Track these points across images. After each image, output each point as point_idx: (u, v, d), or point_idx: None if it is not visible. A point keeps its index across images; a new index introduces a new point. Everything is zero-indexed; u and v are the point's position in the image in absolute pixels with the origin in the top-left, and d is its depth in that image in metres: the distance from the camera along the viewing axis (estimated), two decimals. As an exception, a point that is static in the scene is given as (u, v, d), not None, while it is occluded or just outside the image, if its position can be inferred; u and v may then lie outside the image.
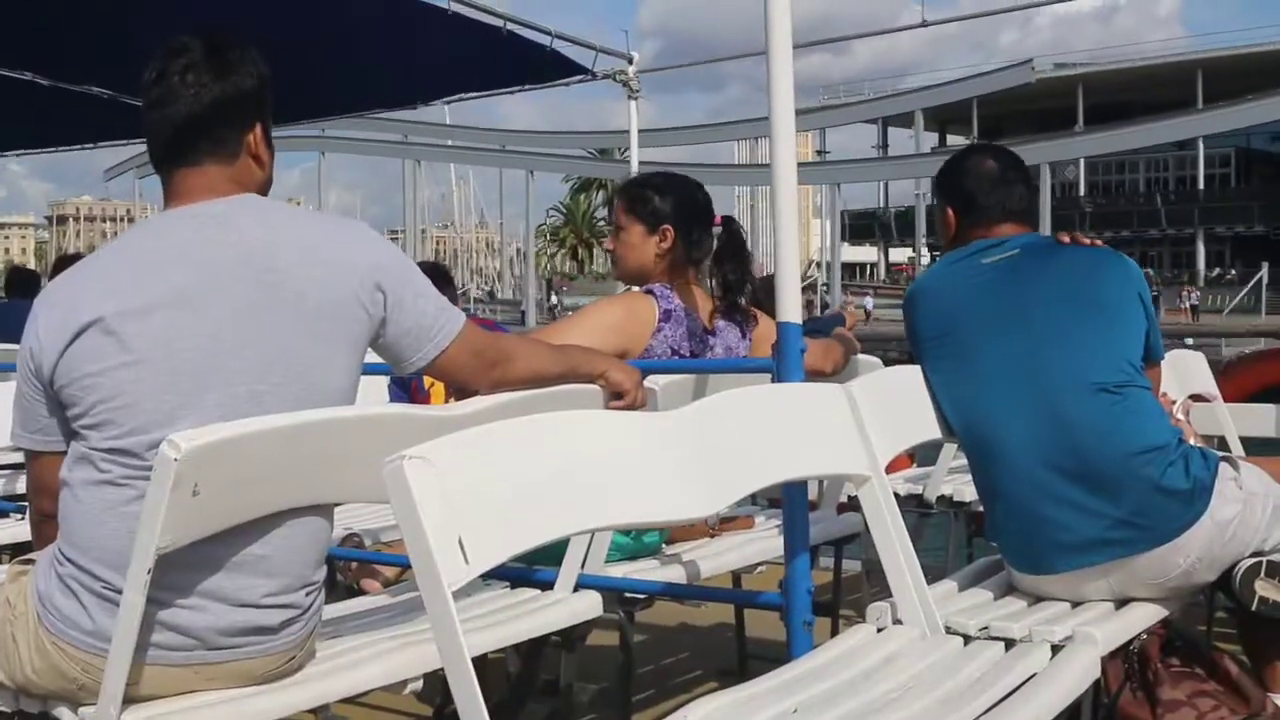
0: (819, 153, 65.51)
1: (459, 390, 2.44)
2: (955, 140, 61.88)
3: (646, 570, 3.01)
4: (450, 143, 57.48)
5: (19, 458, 2.20)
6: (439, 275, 4.57)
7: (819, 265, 58.36)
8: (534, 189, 55.55)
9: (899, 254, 66.87)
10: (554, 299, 56.08)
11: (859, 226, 67.16)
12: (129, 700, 1.90)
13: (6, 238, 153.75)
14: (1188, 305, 45.06)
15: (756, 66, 2.75)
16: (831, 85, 71.22)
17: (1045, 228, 48.02)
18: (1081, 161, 56.16)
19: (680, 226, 3.35)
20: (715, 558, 3.18)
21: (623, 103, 6.91)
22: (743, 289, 3.41)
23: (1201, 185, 60.17)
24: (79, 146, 8.72)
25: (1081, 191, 61.27)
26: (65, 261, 7.91)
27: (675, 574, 3.01)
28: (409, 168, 59.63)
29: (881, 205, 66.84)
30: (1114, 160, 60.55)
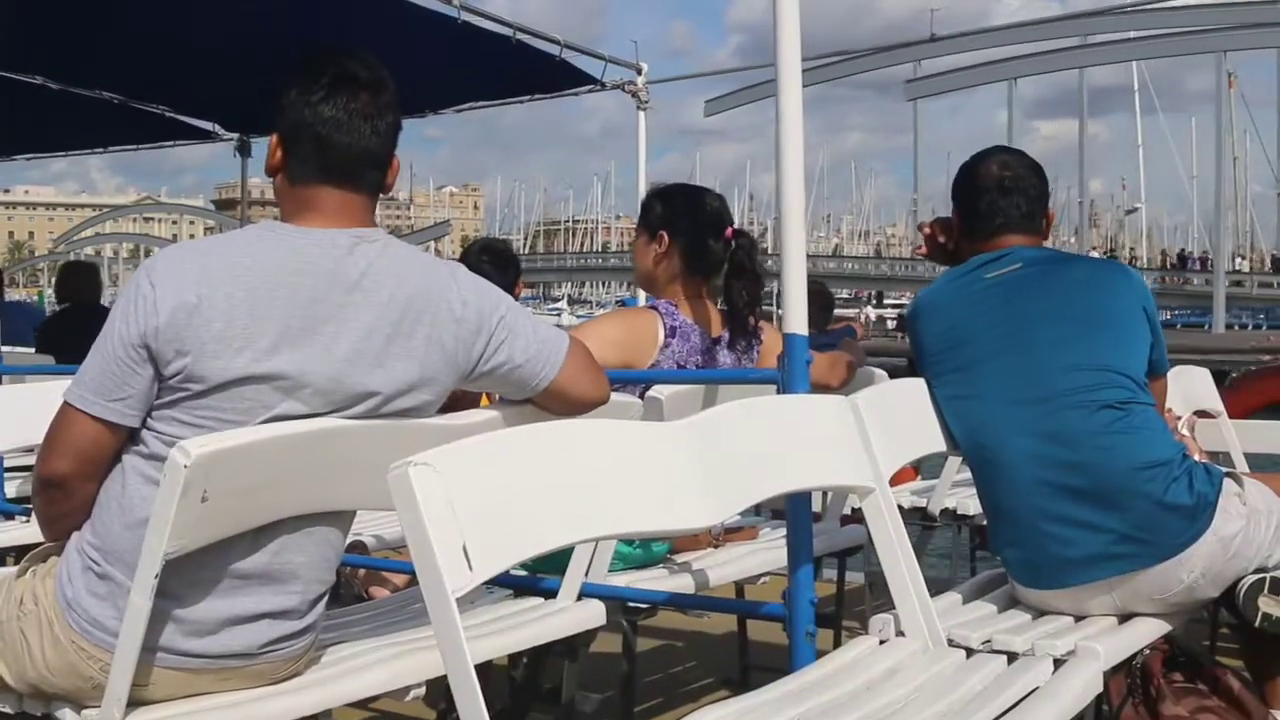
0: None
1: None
2: None
3: (650, 580, 3.01)
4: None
5: (30, 460, 2.16)
6: (505, 261, 4.36)
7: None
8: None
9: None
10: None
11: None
12: (133, 703, 1.91)
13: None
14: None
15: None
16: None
17: None
18: None
19: (678, 235, 3.35)
20: (719, 568, 3.18)
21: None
22: (751, 309, 3.39)
23: None
24: (88, 151, 8.73)
25: None
26: (76, 269, 7.80)
27: (679, 584, 3.01)
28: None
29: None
30: None
